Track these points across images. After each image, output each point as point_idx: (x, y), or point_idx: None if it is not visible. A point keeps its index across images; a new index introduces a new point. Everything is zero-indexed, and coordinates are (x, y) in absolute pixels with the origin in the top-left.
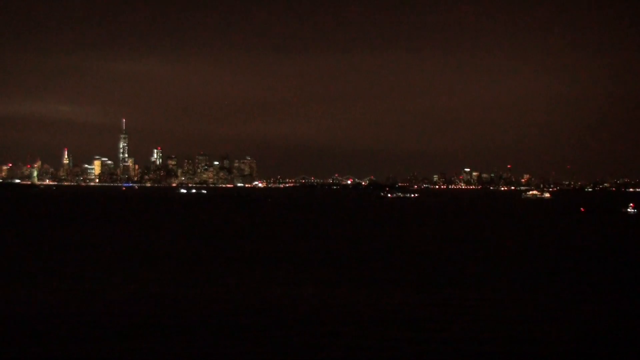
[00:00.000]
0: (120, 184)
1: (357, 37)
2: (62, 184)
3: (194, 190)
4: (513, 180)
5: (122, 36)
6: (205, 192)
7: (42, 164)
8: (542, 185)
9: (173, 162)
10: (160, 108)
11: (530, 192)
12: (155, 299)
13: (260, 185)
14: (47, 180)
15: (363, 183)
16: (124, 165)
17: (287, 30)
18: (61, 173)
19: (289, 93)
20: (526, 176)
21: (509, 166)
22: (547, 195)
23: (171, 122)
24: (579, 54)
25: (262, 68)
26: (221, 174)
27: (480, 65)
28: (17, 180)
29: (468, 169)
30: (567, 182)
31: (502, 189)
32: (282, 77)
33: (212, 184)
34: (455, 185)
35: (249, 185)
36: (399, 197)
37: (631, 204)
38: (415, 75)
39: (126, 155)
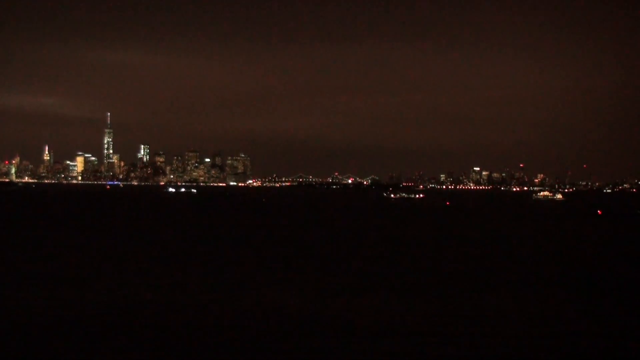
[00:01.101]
0: (104, 182)
1: (359, 29)
2: (43, 181)
3: (183, 189)
4: (526, 180)
5: (107, 25)
6: (195, 191)
7: (20, 160)
8: (556, 186)
9: (161, 159)
10: (147, 101)
11: (542, 193)
12: (144, 304)
13: (254, 184)
14: (26, 178)
15: (365, 182)
16: (108, 162)
17: (284, 20)
18: (41, 170)
19: (286, 86)
20: (540, 176)
21: (521, 165)
22: (559, 196)
23: (159, 116)
24: (600, 46)
25: (257, 60)
26: (213, 172)
27: (490, 58)
28: None
29: (477, 168)
30: (583, 183)
31: (514, 189)
32: (278, 70)
33: (203, 182)
34: (463, 185)
35: (243, 184)
36: (404, 197)
37: None
38: (420, 69)
39: (111, 151)
